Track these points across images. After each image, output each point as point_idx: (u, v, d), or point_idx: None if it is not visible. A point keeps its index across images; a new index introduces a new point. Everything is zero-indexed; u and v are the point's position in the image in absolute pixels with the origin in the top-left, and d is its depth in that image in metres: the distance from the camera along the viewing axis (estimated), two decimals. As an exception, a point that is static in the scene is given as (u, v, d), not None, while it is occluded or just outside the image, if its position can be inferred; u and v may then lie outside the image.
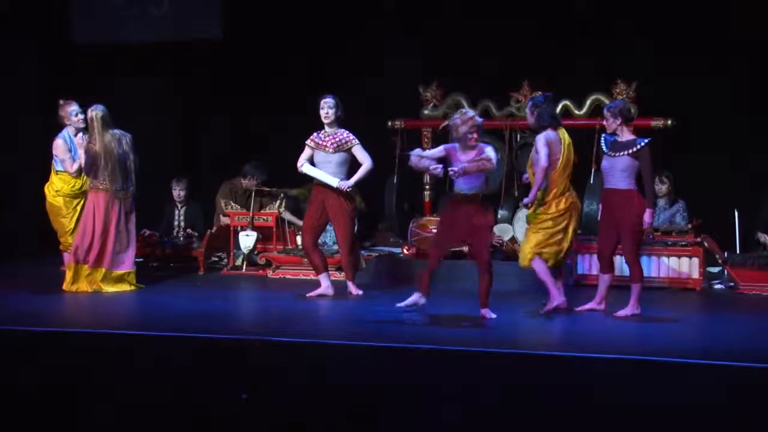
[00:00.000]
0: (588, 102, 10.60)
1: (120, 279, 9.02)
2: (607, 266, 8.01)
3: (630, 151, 7.79)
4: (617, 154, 7.84)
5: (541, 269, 8.10)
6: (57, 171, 9.40)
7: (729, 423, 5.65)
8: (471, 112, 7.93)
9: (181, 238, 11.03)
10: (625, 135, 7.91)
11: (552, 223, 8.13)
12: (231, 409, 6.29)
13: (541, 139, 8.15)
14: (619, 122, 7.93)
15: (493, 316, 7.65)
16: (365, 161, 8.78)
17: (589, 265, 9.50)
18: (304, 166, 8.80)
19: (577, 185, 10.25)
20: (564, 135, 8.21)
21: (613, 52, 10.82)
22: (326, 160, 8.74)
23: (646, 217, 7.77)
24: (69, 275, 8.96)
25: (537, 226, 8.17)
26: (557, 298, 7.98)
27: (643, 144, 7.80)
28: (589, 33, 10.96)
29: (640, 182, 7.82)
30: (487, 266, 7.69)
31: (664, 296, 8.88)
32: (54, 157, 9.40)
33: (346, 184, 8.68)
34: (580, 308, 8.06)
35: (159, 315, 8.05)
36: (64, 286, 8.94)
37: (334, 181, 8.67)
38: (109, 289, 8.92)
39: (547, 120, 8.15)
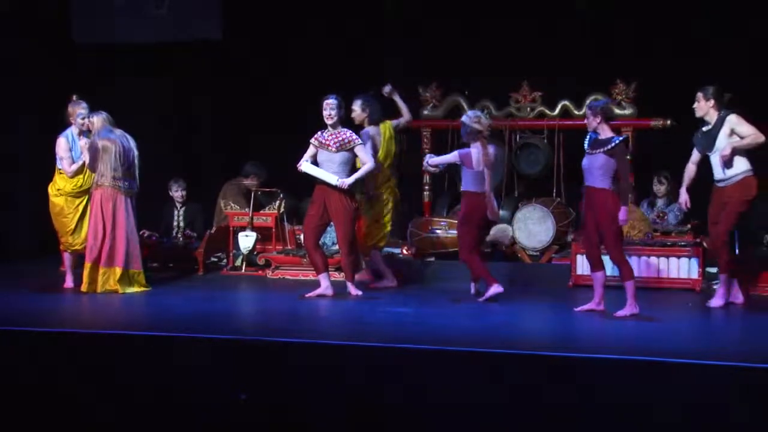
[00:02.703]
0: (587, 102, 10.61)
1: (132, 279, 9.04)
2: (597, 263, 8.02)
3: (605, 148, 7.83)
4: (595, 151, 7.89)
5: (377, 259, 9.53)
6: (59, 170, 9.37)
7: (729, 423, 5.65)
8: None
9: (180, 239, 11.03)
10: (605, 133, 7.94)
11: (382, 211, 9.41)
12: (230, 409, 6.29)
13: (364, 136, 9.07)
14: (599, 120, 7.95)
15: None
16: (367, 161, 8.79)
17: (588, 266, 9.48)
18: (303, 165, 8.80)
19: (578, 185, 10.27)
20: (385, 129, 9.33)
21: (613, 52, 10.83)
22: (329, 159, 8.75)
23: (621, 215, 7.78)
24: (85, 275, 8.96)
25: (374, 217, 9.39)
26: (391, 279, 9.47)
27: (617, 141, 7.83)
28: (589, 33, 10.96)
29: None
30: None
31: (663, 296, 8.89)
32: (57, 155, 9.37)
33: (346, 183, 8.68)
34: (579, 309, 8.06)
35: (158, 315, 8.04)
36: (82, 287, 8.95)
37: (333, 179, 8.67)
38: (127, 289, 8.93)
39: (376, 115, 9.21)
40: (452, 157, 8.83)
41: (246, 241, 10.41)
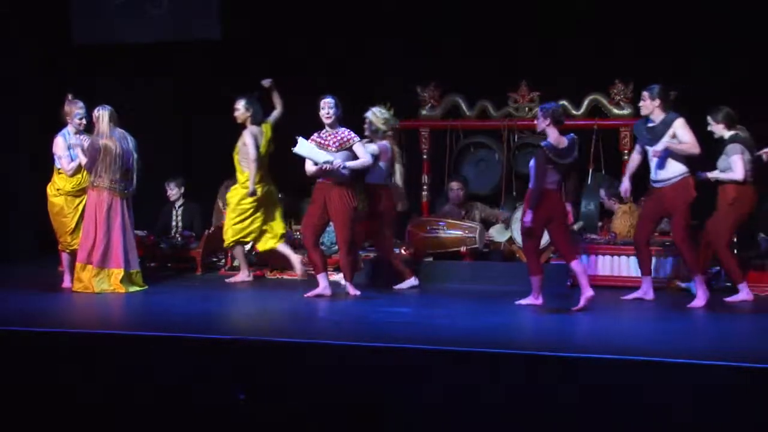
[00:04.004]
0: (585, 102, 10.63)
1: (132, 279, 9.05)
2: (566, 255, 8.27)
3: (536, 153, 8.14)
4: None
5: (239, 252, 9.88)
6: (58, 169, 9.34)
7: (729, 423, 5.66)
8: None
9: (179, 239, 11.02)
10: (551, 137, 8.14)
11: (252, 208, 9.67)
12: (228, 409, 6.29)
13: (247, 134, 9.59)
14: (548, 122, 8.16)
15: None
16: (364, 157, 8.81)
17: (588, 265, 9.53)
18: (300, 143, 8.82)
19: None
20: (267, 129, 9.70)
21: (613, 52, 10.83)
22: (330, 159, 8.77)
23: (525, 216, 8.09)
24: (76, 275, 9.01)
25: (238, 212, 9.67)
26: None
27: (540, 148, 8.11)
28: (589, 33, 10.97)
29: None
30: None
31: (662, 296, 8.89)
32: (54, 155, 9.35)
33: (339, 163, 8.69)
34: (576, 308, 8.09)
35: (157, 315, 8.04)
36: (73, 286, 8.99)
37: (327, 157, 8.67)
38: (130, 288, 8.95)
39: (259, 116, 9.62)
40: (374, 149, 9.20)
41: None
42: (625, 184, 8.84)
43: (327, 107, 8.82)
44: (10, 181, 11.65)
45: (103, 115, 9.00)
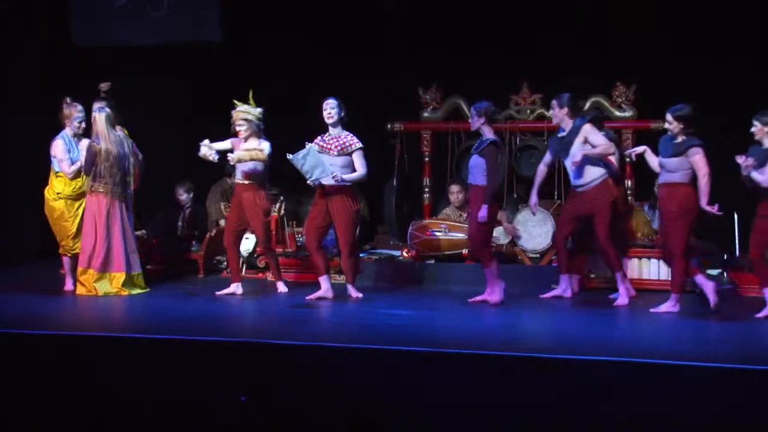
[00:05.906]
0: (588, 104, 10.60)
1: (134, 281, 9.04)
2: (484, 258, 8.48)
3: (478, 149, 8.34)
4: (473, 152, 8.42)
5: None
6: (56, 173, 9.28)
7: (729, 424, 5.65)
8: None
9: (181, 242, 11.00)
10: (486, 135, 8.39)
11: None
12: (230, 411, 6.29)
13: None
14: (483, 121, 8.41)
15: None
16: (360, 169, 8.78)
17: (590, 266, 9.51)
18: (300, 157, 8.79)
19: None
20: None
21: (613, 53, 10.82)
22: (331, 163, 8.73)
23: (481, 212, 8.23)
24: (77, 279, 9.00)
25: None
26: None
27: (486, 144, 8.31)
28: (589, 34, 10.95)
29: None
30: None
31: (663, 298, 8.85)
32: (52, 158, 9.27)
33: (339, 177, 8.64)
34: (472, 299, 8.53)
35: (159, 318, 8.05)
36: (76, 290, 9.00)
37: (327, 173, 8.62)
38: (132, 291, 8.94)
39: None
40: (268, 147, 9.16)
41: (246, 243, 10.38)
42: (533, 199, 9.00)
43: (329, 107, 8.81)
44: (10, 183, 11.63)
45: (99, 117, 8.96)
